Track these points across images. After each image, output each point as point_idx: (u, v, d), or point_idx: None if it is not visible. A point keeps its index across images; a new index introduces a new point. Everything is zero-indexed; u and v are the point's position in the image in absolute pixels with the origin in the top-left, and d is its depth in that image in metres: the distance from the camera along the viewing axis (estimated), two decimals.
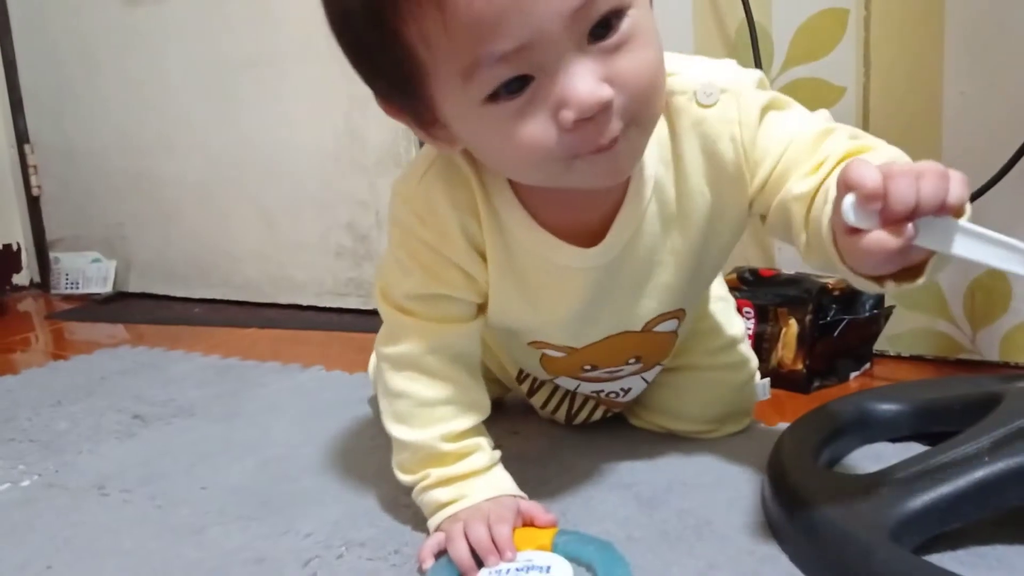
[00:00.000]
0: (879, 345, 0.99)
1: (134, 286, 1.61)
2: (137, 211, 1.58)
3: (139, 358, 1.19)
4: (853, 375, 0.97)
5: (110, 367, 1.15)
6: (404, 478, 0.68)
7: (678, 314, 0.71)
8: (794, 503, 0.62)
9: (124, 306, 1.56)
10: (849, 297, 0.95)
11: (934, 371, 0.97)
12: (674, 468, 0.74)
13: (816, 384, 0.94)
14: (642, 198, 0.64)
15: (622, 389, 0.78)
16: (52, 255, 1.67)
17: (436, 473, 0.66)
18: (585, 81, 0.52)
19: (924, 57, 0.93)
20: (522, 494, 0.67)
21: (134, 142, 1.54)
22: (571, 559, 0.60)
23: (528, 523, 0.63)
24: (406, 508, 0.69)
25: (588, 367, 0.74)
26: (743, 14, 1.00)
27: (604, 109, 0.53)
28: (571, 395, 0.82)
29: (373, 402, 0.93)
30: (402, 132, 1.29)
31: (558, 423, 0.85)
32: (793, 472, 0.65)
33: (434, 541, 0.63)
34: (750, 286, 0.99)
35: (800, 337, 0.93)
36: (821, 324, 0.93)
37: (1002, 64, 0.90)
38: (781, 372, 0.93)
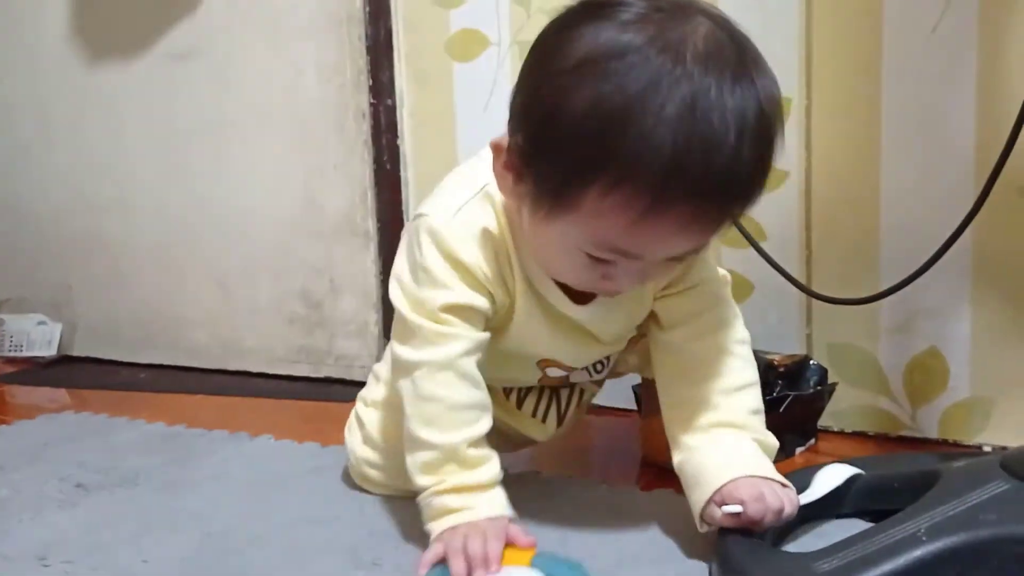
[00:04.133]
0: (823, 421, 1.01)
1: (79, 350, 1.59)
2: (86, 274, 1.56)
3: (83, 424, 1.16)
4: (799, 450, 0.98)
5: (53, 433, 1.12)
6: (423, 480, 0.72)
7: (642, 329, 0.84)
8: None
9: (69, 370, 1.53)
10: (794, 373, 0.97)
11: (876, 447, 0.99)
12: (624, 542, 0.75)
13: None
14: None
15: (605, 358, 0.85)
16: None
17: (452, 479, 0.71)
18: (633, 283, 0.69)
19: (862, 143, 0.98)
20: (514, 515, 0.72)
21: (87, 204, 1.53)
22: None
23: (510, 543, 0.68)
24: None
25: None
26: None
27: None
28: (556, 393, 0.89)
29: (322, 472, 0.93)
30: (359, 200, 1.30)
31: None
32: (740, 550, 0.66)
33: (433, 553, 0.68)
34: None
35: None
36: (767, 400, 0.95)
37: (937, 149, 0.94)
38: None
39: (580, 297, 0.75)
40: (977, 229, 0.88)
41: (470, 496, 0.70)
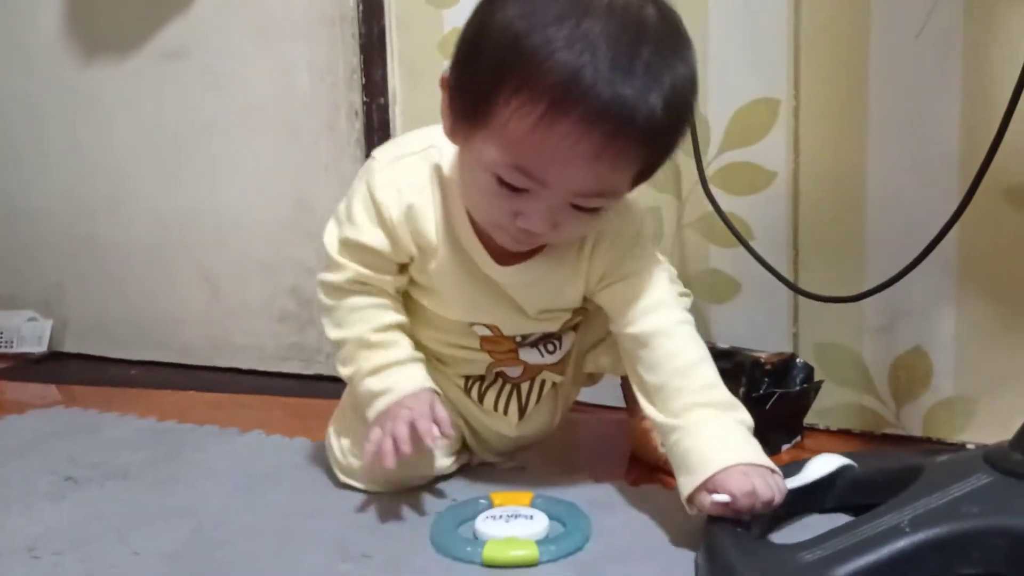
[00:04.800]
0: (809, 419, 1.02)
1: (70, 346, 1.59)
2: (77, 271, 1.56)
3: (73, 420, 1.17)
4: (785, 447, 0.99)
5: (42, 428, 1.12)
6: (343, 371, 0.84)
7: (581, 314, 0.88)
8: (726, 573, 0.63)
9: (59, 366, 1.53)
10: (781, 371, 0.98)
11: (861, 445, 1.00)
12: (610, 536, 0.76)
13: None
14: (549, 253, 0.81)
15: (556, 340, 0.89)
16: None
17: (367, 364, 0.82)
18: (543, 223, 0.71)
19: (849, 144, 0.99)
20: (438, 390, 0.83)
21: (78, 203, 1.53)
22: (546, 513, 0.77)
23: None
24: (344, 575, 0.69)
25: (520, 337, 0.87)
26: None
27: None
28: (517, 388, 0.90)
29: (312, 467, 0.93)
30: None
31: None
32: (725, 542, 0.67)
33: (372, 441, 0.79)
34: None
35: None
36: (754, 397, 0.96)
37: (922, 150, 0.95)
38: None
39: (504, 259, 0.80)
40: (962, 230, 0.89)
41: (388, 375, 0.81)
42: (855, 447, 0.99)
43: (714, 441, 0.74)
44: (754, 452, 0.73)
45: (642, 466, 0.93)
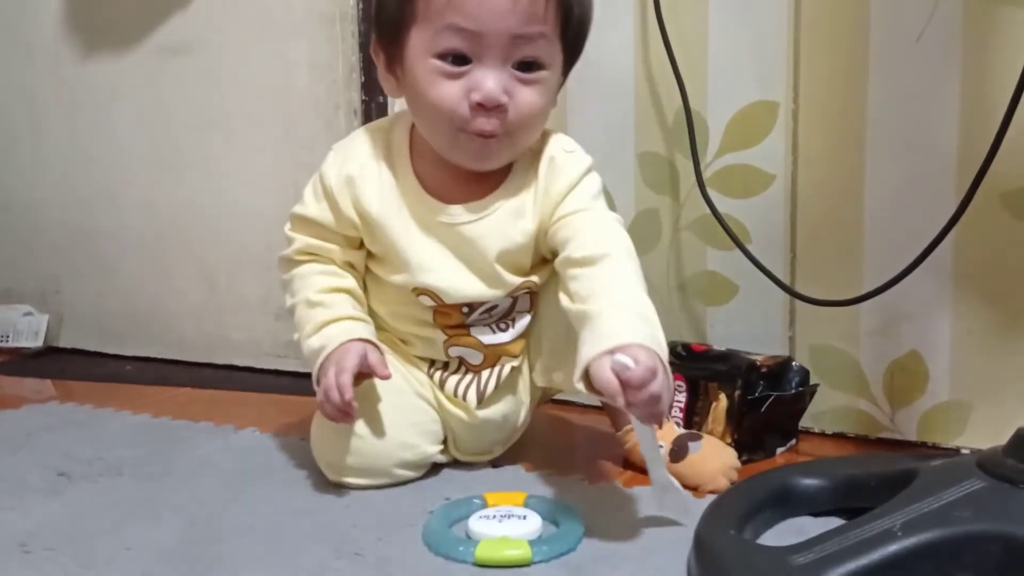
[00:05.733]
0: (804, 422, 1.02)
1: (65, 341, 1.58)
2: (74, 265, 1.56)
3: (67, 415, 1.16)
4: (779, 450, 0.99)
5: (37, 423, 1.12)
6: (295, 336, 0.89)
7: (527, 286, 0.89)
8: (718, 575, 0.63)
9: (54, 361, 1.53)
10: (776, 375, 0.98)
11: (855, 448, 1.00)
12: (603, 537, 0.75)
13: (744, 458, 0.96)
14: (505, 188, 0.87)
15: (506, 322, 0.90)
16: None
17: (310, 324, 0.86)
18: (496, 84, 0.78)
19: (848, 148, 0.99)
20: (377, 343, 0.86)
21: (75, 196, 1.53)
22: (539, 513, 0.77)
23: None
24: (336, 573, 0.69)
25: (466, 308, 0.88)
26: (680, 102, 1.05)
27: (496, 107, 0.79)
28: (477, 375, 0.91)
29: (305, 465, 0.93)
30: None
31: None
32: (718, 545, 0.67)
33: (318, 400, 0.84)
34: (682, 360, 1.02)
35: (729, 412, 0.96)
36: (749, 400, 0.96)
37: (920, 155, 0.95)
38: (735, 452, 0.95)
39: (460, 200, 0.86)
40: (959, 234, 0.89)
41: (326, 331, 0.85)
42: (850, 451, 1.00)
43: (633, 321, 0.74)
44: (664, 355, 0.72)
45: (636, 468, 0.93)
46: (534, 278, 0.89)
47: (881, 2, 0.95)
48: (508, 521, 0.75)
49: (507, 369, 0.92)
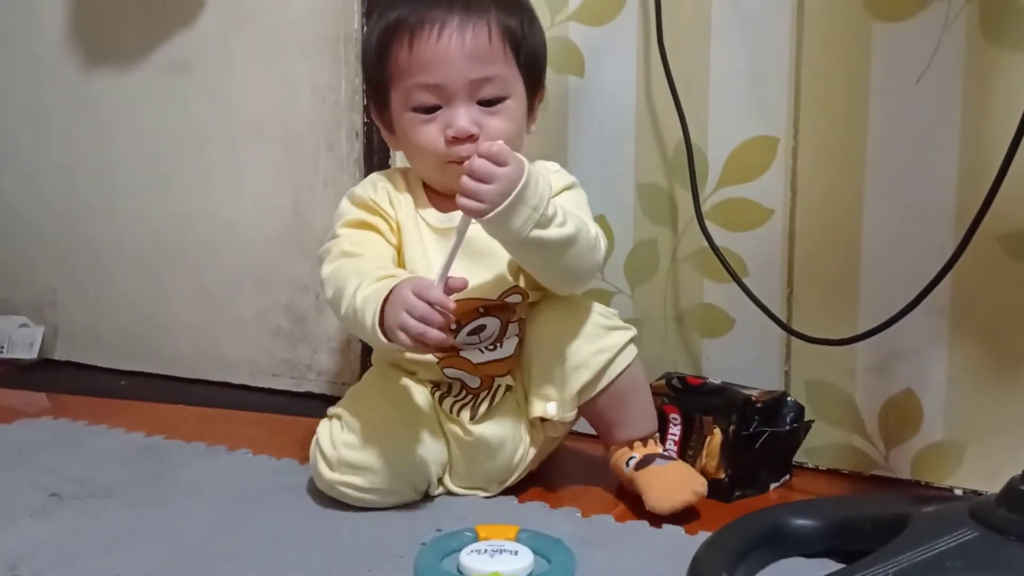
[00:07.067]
0: (798, 458, 1.02)
1: (61, 354, 1.58)
2: (71, 278, 1.56)
3: (60, 431, 1.16)
4: (773, 486, 0.99)
5: (30, 438, 1.12)
6: (352, 311, 0.86)
7: (518, 290, 0.93)
8: None
9: (49, 374, 1.53)
10: (771, 410, 0.98)
11: (849, 485, 1.00)
12: (595, 574, 0.75)
13: (737, 493, 0.96)
14: None
15: (495, 344, 0.94)
16: None
17: (368, 283, 0.86)
18: (465, 119, 0.89)
19: (847, 186, 0.99)
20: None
21: (75, 210, 1.53)
22: (531, 549, 0.77)
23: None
24: None
25: (454, 325, 0.90)
26: (681, 135, 1.05)
27: (470, 137, 0.89)
28: (475, 396, 0.94)
29: (298, 490, 0.93)
30: None
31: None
32: None
33: (399, 341, 0.82)
34: (678, 393, 1.02)
35: (723, 446, 0.96)
36: (744, 435, 0.96)
37: (919, 195, 0.96)
38: (704, 480, 0.95)
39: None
40: (956, 274, 0.89)
41: (384, 283, 0.84)
42: (843, 487, 0.99)
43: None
44: (533, 199, 0.82)
45: (629, 500, 0.93)
46: (522, 284, 0.93)
47: (882, 43, 0.95)
48: (499, 556, 0.75)
49: (501, 390, 0.94)
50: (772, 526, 0.78)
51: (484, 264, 0.91)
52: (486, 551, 0.76)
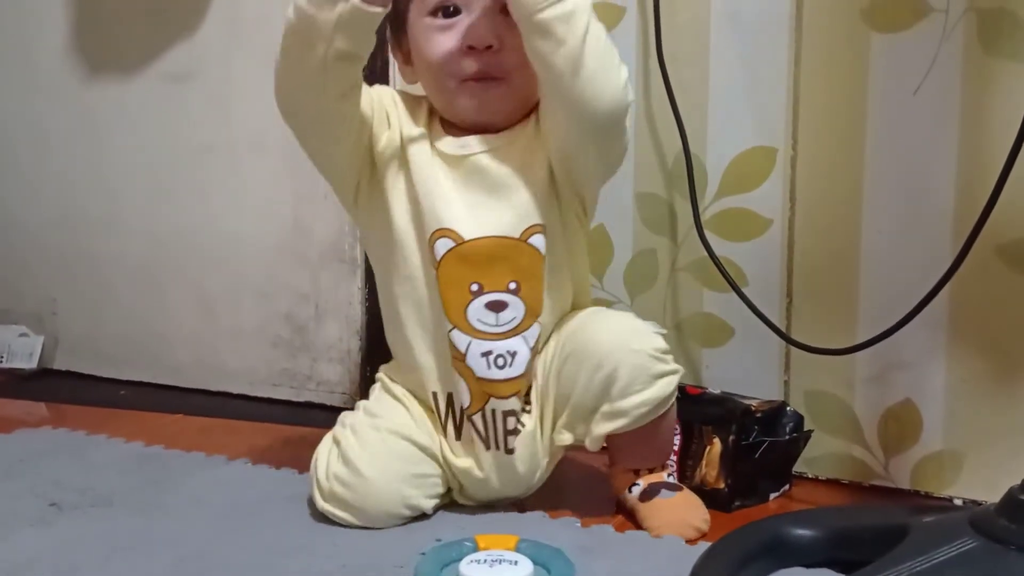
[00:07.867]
0: (798, 467, 1.02)
1: (60, 363, 1.58)
2: (71, 288, 1.56)
3: (60, 440, 1.16)
4: (773, 496, 0.99)
5: (30, 448, 1.12)
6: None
7: (540, 229, 0.88)
8: None
9: (49, 383, 1.53)
10: (771, 419, 0.98)
11: (849, 495, 1.00)
12: None
13: (737, 503, 0.96)
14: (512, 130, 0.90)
15: (508, 352, 0.87)
16: None
17: None
18: (486, 28, 0.83)
19: (845, 196, 0.99)
20: None
21: (75, 219, 1.54)
22: (530, 559, 0.76)
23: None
24: None
25: (476, 285, 0.87)
26: (680, 145, 1.05)
27: (486, 48, 0.84)
28: (471, 421, 0.90)
29: (297, 500, 0.93)
30: (347, 228, 1.31)
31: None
32: None
33: None
34: (677, 402, 1.02)
35: (723, 456, 0.96)
36: (744, 445, 0.96)
37: (918, 205, 0.96)
38: (704, 490, 0.95)
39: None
40: (954, 285, 0.89)
41: None
42: (843, 497, 0.99)
43: None
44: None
45: (628, 511, 0.93)
46: (541, 221, 0.88)
47: (880, 53, 0.96)
48: (499, 566, 0.75)
49: (499, 416, 0.89)
50: (771, 536, 0.77)
51: (504, 199, 0.87)
52: (486, 561, 0.76)
